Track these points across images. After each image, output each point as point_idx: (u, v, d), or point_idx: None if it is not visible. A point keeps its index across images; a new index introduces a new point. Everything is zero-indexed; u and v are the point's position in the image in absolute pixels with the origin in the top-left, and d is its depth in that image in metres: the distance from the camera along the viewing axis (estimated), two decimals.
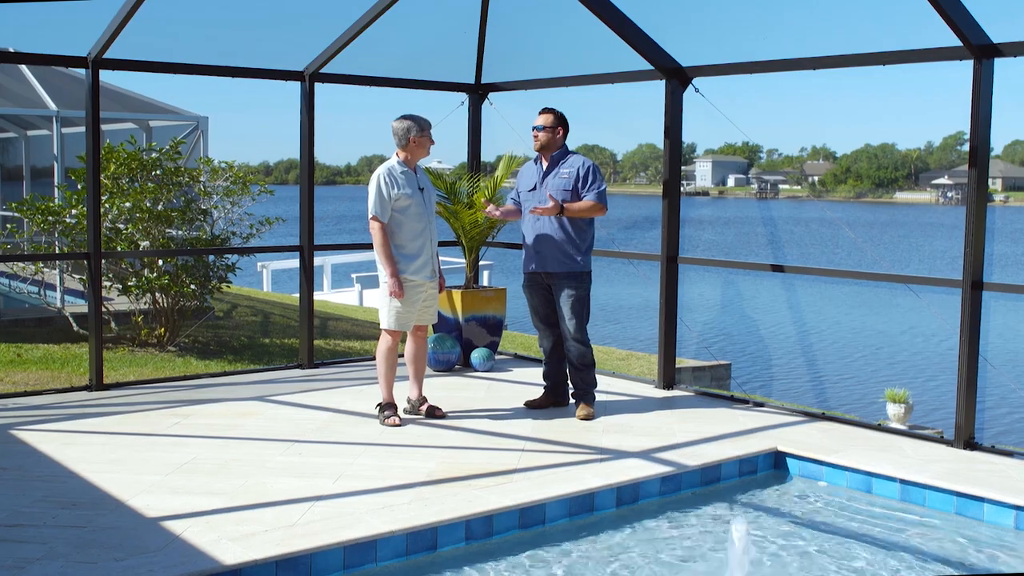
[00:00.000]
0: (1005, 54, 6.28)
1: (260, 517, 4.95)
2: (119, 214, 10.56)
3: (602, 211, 7.19)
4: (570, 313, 7.19)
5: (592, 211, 7.16)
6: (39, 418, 6.93)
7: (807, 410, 7.69)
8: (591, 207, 7.13)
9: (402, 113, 7.05)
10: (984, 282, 6.52)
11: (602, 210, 7.18)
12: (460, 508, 5.14)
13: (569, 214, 7.12)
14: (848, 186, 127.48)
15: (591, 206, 7.13)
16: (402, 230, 6.90)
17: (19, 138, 16.23)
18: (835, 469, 6.20)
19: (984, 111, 6.39)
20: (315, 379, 8.40)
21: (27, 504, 5.10)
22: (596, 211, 7.17)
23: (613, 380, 8.53)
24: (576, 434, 6.74)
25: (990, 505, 5.57)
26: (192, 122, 13.78)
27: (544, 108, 7.32)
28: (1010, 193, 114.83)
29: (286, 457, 6.04)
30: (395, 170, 6.94)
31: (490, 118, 9.57)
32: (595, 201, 7.14)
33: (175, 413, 7.13)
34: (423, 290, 7.03)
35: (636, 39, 7.74)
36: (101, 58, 7.50)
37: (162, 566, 4.31)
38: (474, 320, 8.94)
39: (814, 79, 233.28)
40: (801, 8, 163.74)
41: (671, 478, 5.92)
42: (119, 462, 5.86)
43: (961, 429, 6.53)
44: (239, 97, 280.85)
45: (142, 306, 11.02)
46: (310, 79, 8.48)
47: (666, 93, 7.99)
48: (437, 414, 7.12)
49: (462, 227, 9.10)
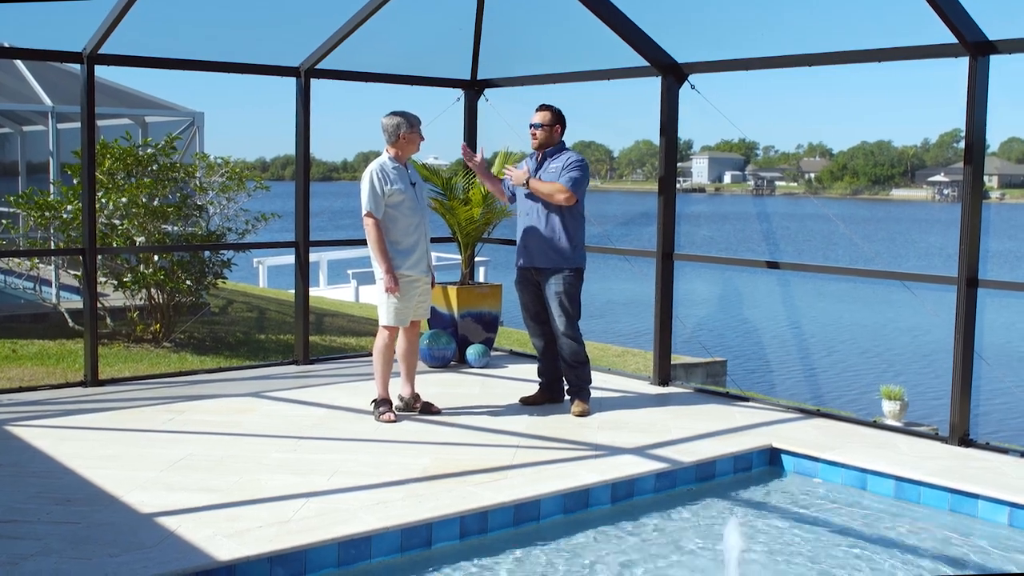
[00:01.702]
0: (1001, 51, 6.28)
1: (255, 513, 4.95)
2: (115, 210, 10.55)
3: (565, 196, 7.03)
4: (559, 310, 7.18)
5: (558, 194, 7.04)
6: (34, 414, 6.92)
7: (802, 407, 7.70)
8: (557, 189, 7.05)
9: (393, 110, 7.05)
10: (979, 279, 6.53)
11: (565, 194, 7.02)
12: (455, 504, 5.14)
13: (533, 190, 7.09)
14: (844, 183, 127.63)
15: (557, 188, 7.04)
16: (396, 226, 6.90)
17: (15, 134, 16.20)
18: (830, 466, 6.21)
19: (980, 108, 6.39)
20: (310, 375, 8.39)
21: (22, 500, 5.09)
22: (559, 193, 7.04)
23: (608, 376, 8.54)
24: (571, 430, 6.74)
25: (984, 502, 5.58)
26: (188, 118, 13.77)
27: (541, 105, 7.30)
28: (1006, 190, 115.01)
29: (281, 453, 6.04)
30: (387, 166, 6.94)
31: (486, 114, 9.58)
32: (563, 184, 7.05)
33: (170, 409, 7.12)
34: (418, 285, 7.03)
35: (632, 35, 7.74)
36: (96, 54, 7.48)
37: (157, 562, 4.31)
38: (470, 316, 8.94)
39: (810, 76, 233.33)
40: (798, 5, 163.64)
41: (666, 475, 5.93)
42: (114, 458, 5.86)
43: (956, 426, 6.53)
44: (235, 93, 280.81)
45: (138, 302, 11.01)
46: (306, 75, 8.47)
47: (662, 90, 7.99)
48: (432, 410, 7.12)
49: (458, 223, 9.10)
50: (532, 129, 7.28)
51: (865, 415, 8.16)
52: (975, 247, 6.50)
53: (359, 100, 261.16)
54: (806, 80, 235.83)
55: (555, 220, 7.15)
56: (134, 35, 7.61)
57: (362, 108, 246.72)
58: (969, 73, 6.39)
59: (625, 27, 7.71)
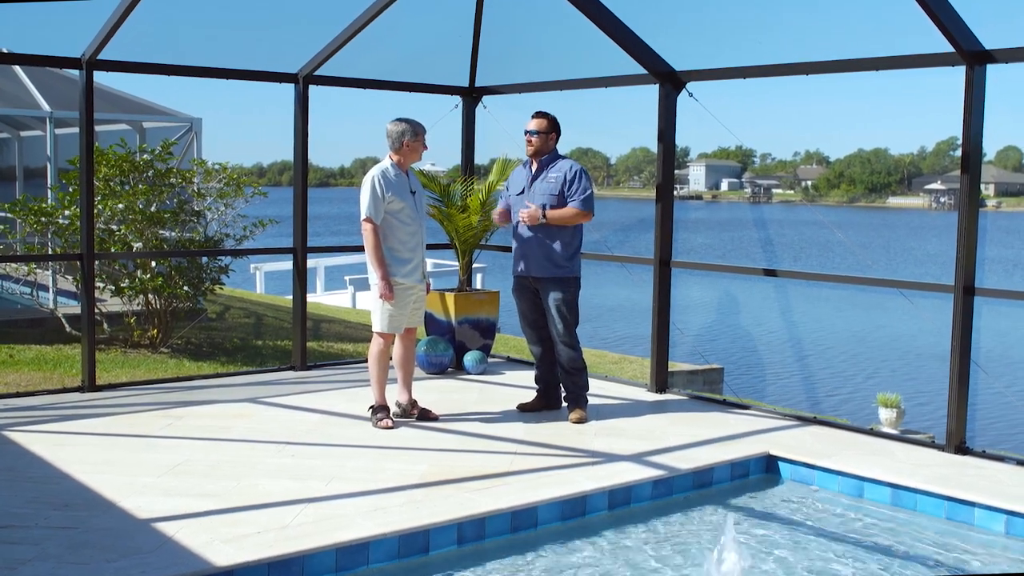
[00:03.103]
0: (997, 60, 6.31)
1: (252, 519, 4.95)
2: (112, 215, 10.55)
3: (586, 217, 7.18)
4: (557, 317, 7.20)
5: (576, 218, 7.15)
6: (31, 419, 6.92)
7: (799, 414, 7.71)
8: (574, 214, 7.12)
9: (397, 116, 7.06)
10: (976, 287, 6.54)
11: (586, 216, 7.17)
12: (452, 511, 5.14)
13: (551, 221, 7.12)
14: (841, 191, 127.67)
15: (574, 213, 7.12)
16: (395, 233, 6.91)
17: (12, 139, 16.19)
18: (827, 473, 6.22)
19: (976, 117, 6.41)
20: (308, 381, 8.40)
21: (19, 505, 5.09)
22: (580, 218, 7.16)
23: (606, 384, 8.54)
24: (568, 437, 6.75)
25: (981, 510, 5.59)
26: (186, 123, 13.76)
27: (537, 112, 7.33)
28: (1002, 198, 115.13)
29: (278, 459, 6.04)
30: (389, 172, 6.95)
31: (484, 121, 9.60)
32: (579, 208, 7.12)
33: (167, 415, 7.12)
34: (413, 292, 7.03)
35: (630, 43, 7.76)
36: (95, 59, 7.49)
37: (154, 567, 4.31)
38: (467, 323, 8.95)
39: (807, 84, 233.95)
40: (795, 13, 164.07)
41: (663, 482, 5.93)
42: (111, 463, 5.85)
43: (952, 434, 6.54)
44: (233, 99, 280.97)
45: (135, 307, 11.00)
46: (304, 81, 8.48)
47: (660, 97, 8.01)
48: (430, 417, 7.12)
49: (455, 230, 9.11)
50: (528, 136, 7.29)
51: (862, 423, 8.16)
52: (971, 255, 6.51)
53: (357, 107, 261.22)
54: (803, 88, 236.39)
55: (553, 229, 7.16)
56: (132, 41, 7.63)
57: (360, 115, 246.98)
58: (966, 82, 6.41)
59: (623, 35, 7.73)
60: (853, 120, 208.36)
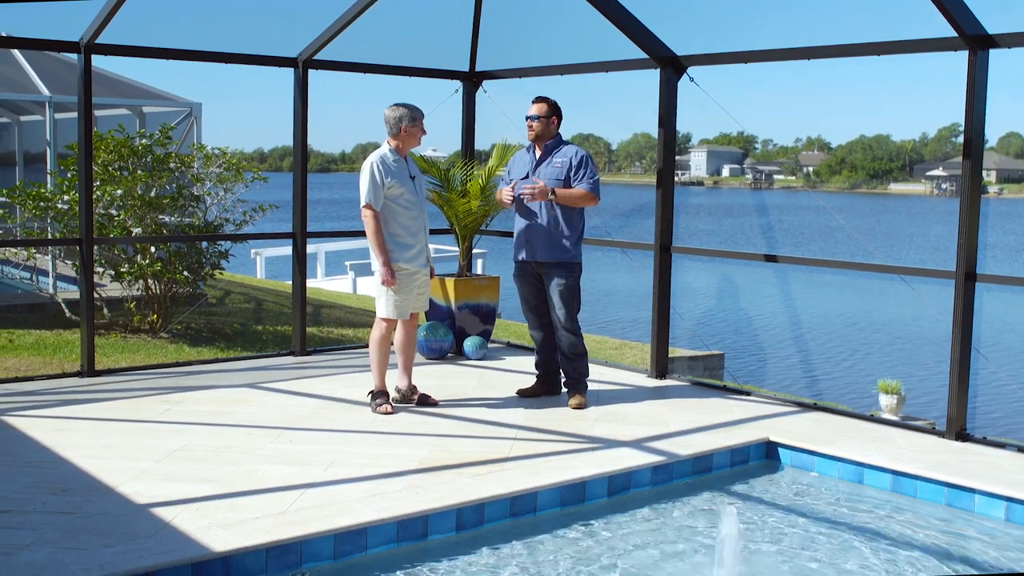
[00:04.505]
0: (1000, 45, 6.27)
1: (251, 504, 4.94)
2: (111, 201, 10.52)
3: (594, 201, 7.18)
4: (560, 303, 7.18)
5: (584, 200, 7.14)
6: (30, 404, 6.91)
7: (799, 400, 7.70)
8: (583, 195, 7.12)
9: (396, 101, 7.03)
10: (977, 273, 6.52)
11: (594, 200, 7.17)
12: (451, 496, 5.13)
13: (560, 200, 7.10)
14: (843, 177, 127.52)
15: (583, 194, 7.12)
16: (397, 219, 6.88)
17: (12, 123, 16.16)
18: (827, 460, 6.21)
19: (979, 102, 6.37)
20: (307, 366, 8.39)
21: (17, 490, 5.09)
22: (588, 200, 7.16)
23: (606, 369, 8.53)
24: (568, 423, 6.74)
25: (981, 496, 5.58)
26: (185, 108, 13.73)
27: (537, 97, 7.30)
28: (1004, 185, 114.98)
29: (277, 444, 6.03)
30: (388, 158, 6.92)
31: (484, 106, 9.56)
32: (587, 190, 7.13)
33: (167, 400, 7.11)
34: (417, 277, 7.01)
35: (631, 27, 7.72)
36: (93, 43, 7.46)
37: (152, 552, 4.30)
38: (467, 308, 8.93)
39: (809, 69, 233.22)
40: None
41: (663, 467, 5.92)
42: (110, 448, 5.85)
43: (953, 420, 6.53)
44: (233, 83, 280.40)
45: (134, 292, 11.00)
46: (304, 66, 8.45)
47: (661, 82, 7.97)
48: (429, 402, 7.11)
49: (455, 215, 9.08)
50: (529, 121, 7.26)
51: (862, 409, 8.16)
52: (973, 242, 6.49)
53: (357, 91, 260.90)
54: (804, 73, 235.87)
55: (558, 214, 7.15)
56: (131, 25, 7.59)
57: (360, 99, 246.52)
58: (968, 67, 6.38)
59: (624, 19, 7.69)
60: (855, 106, 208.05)
